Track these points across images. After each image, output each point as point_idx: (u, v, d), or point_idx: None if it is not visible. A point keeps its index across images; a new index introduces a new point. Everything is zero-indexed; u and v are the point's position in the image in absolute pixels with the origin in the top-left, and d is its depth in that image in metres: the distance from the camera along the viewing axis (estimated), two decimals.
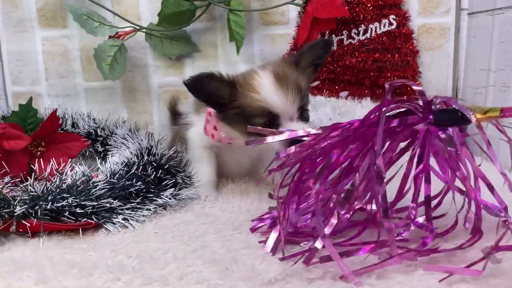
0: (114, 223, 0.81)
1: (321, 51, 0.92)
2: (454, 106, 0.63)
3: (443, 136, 0.67)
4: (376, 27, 1.31)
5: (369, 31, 1.32)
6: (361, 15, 1.31)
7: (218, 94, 0.88)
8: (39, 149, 1.10)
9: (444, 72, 1.37)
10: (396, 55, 1.32)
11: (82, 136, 1.19)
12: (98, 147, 1.23)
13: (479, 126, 0.61)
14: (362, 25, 1.32)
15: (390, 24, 1.31)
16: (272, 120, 0.86)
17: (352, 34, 1.33)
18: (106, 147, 1.20)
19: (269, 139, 0.72)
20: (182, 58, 1.40)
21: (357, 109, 1.26)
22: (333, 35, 1.33)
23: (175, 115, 1.25)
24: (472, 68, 1.33)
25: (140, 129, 1.21)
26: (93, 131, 1.23)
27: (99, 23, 1.23)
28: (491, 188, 0.63)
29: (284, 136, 0.72)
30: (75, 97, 1.43)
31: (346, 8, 1.22)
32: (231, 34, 1.27)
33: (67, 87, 1.43)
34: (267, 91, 0.85)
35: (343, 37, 1.33)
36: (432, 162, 0.69)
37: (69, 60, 1.41)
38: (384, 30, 1.31)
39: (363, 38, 1.32)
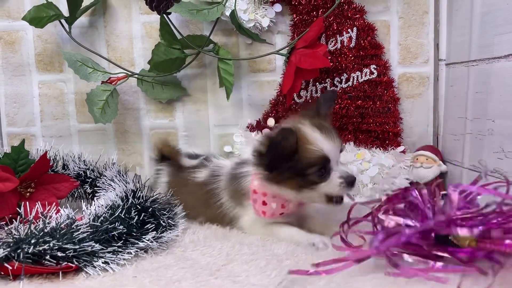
0: (94, 267, 0.82)
1: (332, 101, 1.04)
2: None
3: None
4: (358, 75, 1.37)
5: (351, 80, 1.38)
6: (343, 65, 1.37)
7: (288, 152, 0.89)
8: (29, 190, 1.12)
9: (424, 119, 1.42)
10: (378, 102, 1.37)
11: (72, 177, 1.22)
12: (87, 188, 1.26)
13: None
14: (345, 74, 1.38)
15: (371, 73, 1.37)
16: (325, 167, 0.91)
17: (335, 82, 1.38)
18: (95, 188, 1.23)
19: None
20: (172, 102, 1.45)
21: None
22: (317, 83, 1.39)
23: (163, 159, 1.26)
24: (450, 116, 1.38)
25: (129, 171, 1.24)
26: (83, 173, 1.26)
27: (92, 69, 1.29)
28: None
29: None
30: (68, 138, 1.47)
31: (329, 58, 1.28)
32: (220, 81, 1.32)
33: (61, 129, 1.47)
34: (321, 142, 0.91)
35: (326, 84, 1.39)
36: None
37: (64, 102, 1.46)
38: (365, 79, 1.37)
39: (346, 86, 1.38)
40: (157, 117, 1.46)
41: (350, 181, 0.91)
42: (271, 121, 1.42)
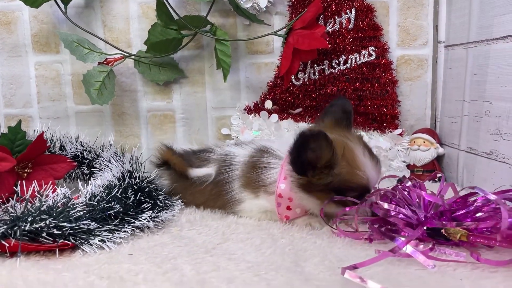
0: (91, 245, 0.83)
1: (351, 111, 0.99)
2: None
3: None
4: (356, 57, 1.36)
5: (349, 62, 1.37)
6: (342, 46, 1.36)
7: (320, 157, 0.83)
8: (26, 170, 1.12)
9: (422, 102, 1.42)
10: (376, 85, 1.36)
11: (69, 158, 1.23)
12: (84, 170, 1.26)
13: None
14: (343, 56, 1.37)
15: (370, 55, 1.36)
16: (363, 195, 0.87)
17: (333, 64, 1.38)
18: (92, 169, 1.23)
19: None
20: (170, 84, 1.44)
21: None
22: (315, 65, 1.38)
23: (164, 164, 1.16)
24: (448, 98, 1.37)
25: (126, 152, 1.24)
26: (80, 154, 1.26)
27: (89, 50, 1.28)
28: None
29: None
30: (65, 120, 1.46)
31: (327, 39, 1.27)
32: (218, 62, 1.32)
33: (58, 110, 1.46)
34: (369, 170, 0.86)
35: (324, 66, 1.38)
36: None
37: (61, 84, 1.45)
38: (363, 61, 1.36)
39: (344, 68, 1.37)
40: (154, 99, 1.45)
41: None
42: (268, 104, 1.41)
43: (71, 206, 0.86)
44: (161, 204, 1.03)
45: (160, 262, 0.77)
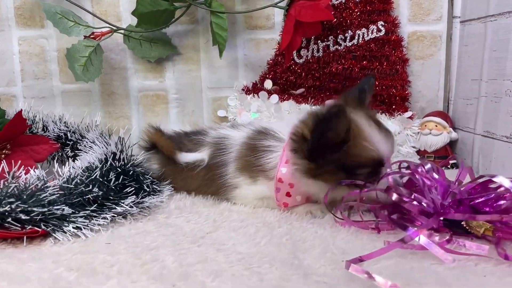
0: (64, 232, 0.75)
1: (371, 89, 0.88)
2: None
3: None
4: (363, 33, 1.26)
5: (356, 38, 1.26)
6: (348, 21, 1.26)
7: (338, 136, 0.75)
8: (4, 151, 1.04)
9: (435, 82, 1.32)
10: (385, 63, 1.27)
11: (51, 139, 1.14)
12: (68, 152, 1.17)
13: None
14: (349, 31, 1.26)
15: (379, 30, 1.26)
16: (376, 171, 0.79)
17: (339, 40, 1.27)
18: (76, 151, 1.15)
19: None
20: (162, 61, 1.35)
21: None
22: (319, 41, 1.28)
23: (153, 147, 1.07)
24: (463, 78, 1.27)
25: (114, 134, 1.15)
26: (63, 135, 1.17)
27: (74, 22, 1.19)
28: None
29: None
30: (51, 99, 1.37)
31: (332, 12, 1.17)
32: (213, 38, 1.22)
33: (43, 89, 1.37)
34: (378, 141, 0.77)
35: (329, 43, 1.27)
36: None
37: (46, 61, 1.36)
38: (372, 37, 1.26)
39: (350, 45, 1.27)
40: (146, 78, 1.36)
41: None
42: (268, 83, 1.32)
43: (43, 189, 0.77)
44: (148, 189, 0.95)
45: (140, 252, 0.68)
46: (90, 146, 1.06)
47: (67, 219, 0.76)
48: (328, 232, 0.76)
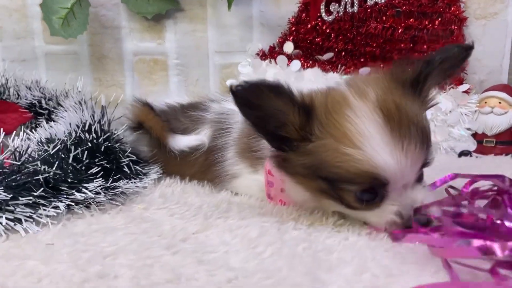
0: None
1: (456, 64, 0.59)
2: None
3: None
4: None
5: None
6: None
7: (283, 123, 0.56)
8: None
9: (499, 48, 1.13)
10: (437, 22, 1.07)
11: (22, 107, 0.95)
12: (42, 122, 0.98)
13: None
14: None
15: None
16: (374, 189, 0.54)
17: None
18: (51, 122, 0.95)
19: None
20: (161, 19, 1.18)
21: None
22: None
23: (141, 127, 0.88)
24: None
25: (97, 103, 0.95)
26: (37, 103, 0.99)
27: None
28: None
29: None
30: (33, 62, 1.21)
31: None
32: None
33: (24, 51, 1.20)
34: (374, 147, 0.52)
35: None
36: None
37: (28, 17, 1.18)
38: None
39: None
40: (142, 39, 1.20)
41: (407, 226, 0.53)
42: (289, 47, 1.15)
43: None
44: (127, 171, 0.74)
45: (87, 261, 0.48)
46: (62, 116, 0.86)
47: (2, 207, 0.56)
48: (364, 241, 0.53)
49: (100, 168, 0.68)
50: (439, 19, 1.06)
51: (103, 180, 0.68)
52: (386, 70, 0.60)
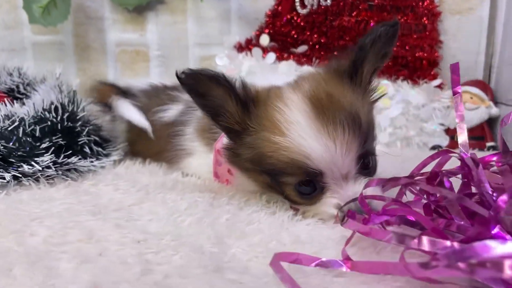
0: None
1: (387, 43, 0.58)
2: None
3: None
4: None
5: None
6: None
7: (225, 112, 0.57)
8: None
9: (474, 44, 1.10)
10: (410, 16, 1.05)
11: (2, 91, 0.98)
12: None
13: None
14: None
15: None
16: (311, 180, 0.54)
17: None
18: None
19: None
20: (143, 10, 1.18)
21: None
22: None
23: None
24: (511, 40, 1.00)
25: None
26: (16, 88, 1.01)
27: None
28: None
29: None
30: (22, 52, 1.23)
31: None
32: None
33: (13, 41, 1.23)
34: (300, 133, 0.52)
35: None
36: None
37: (17, 7, 1.21)
38: None
39: None
40: (124, 30, 1.20)
41: (351, 215, 0.48)
42: (265, 39, 1.13)
43: None
44: (87, 151, 0.75)
45: (10, 221, 0.51)
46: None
47: None
48: (289, 216, 0.54)
49: (51, 143, 0.70)
50: (413, 13, 1.04)
51: (54, 155, 0.70)
52: (325, 64, 0.61)
